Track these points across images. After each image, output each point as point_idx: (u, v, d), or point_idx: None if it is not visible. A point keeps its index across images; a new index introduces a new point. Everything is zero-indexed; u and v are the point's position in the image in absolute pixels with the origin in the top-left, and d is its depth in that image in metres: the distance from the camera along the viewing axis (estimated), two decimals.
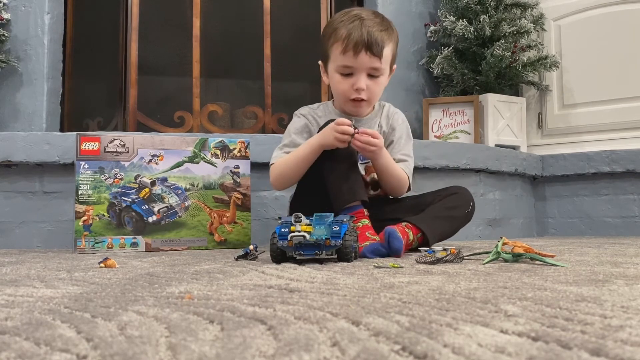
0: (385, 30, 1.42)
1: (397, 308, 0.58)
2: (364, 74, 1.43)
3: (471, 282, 0.80)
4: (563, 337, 0.44)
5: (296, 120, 1.56)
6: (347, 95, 1.46)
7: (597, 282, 0.80)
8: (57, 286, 0.80)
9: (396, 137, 1.54)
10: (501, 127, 2.52)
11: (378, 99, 1.53)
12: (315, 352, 0.41)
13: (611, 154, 2.40)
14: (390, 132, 1.55)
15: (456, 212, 1.47)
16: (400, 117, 1.59)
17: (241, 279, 0.87)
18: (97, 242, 1.55)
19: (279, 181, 1.48)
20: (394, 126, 1.56)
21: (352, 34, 1.39)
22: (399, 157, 1.51)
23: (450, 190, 1.54)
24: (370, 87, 1.44)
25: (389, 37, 1.44)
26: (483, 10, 2.48)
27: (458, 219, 1.48)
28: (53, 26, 2.34)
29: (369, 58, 1.40)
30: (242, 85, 2.56)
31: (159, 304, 0.63)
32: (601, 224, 2.45)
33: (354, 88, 1.43)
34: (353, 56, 1.40)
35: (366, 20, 1.41)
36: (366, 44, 1.39)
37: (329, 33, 1.46)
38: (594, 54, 2.62)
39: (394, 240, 1.24)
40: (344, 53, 1.41)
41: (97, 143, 1.58)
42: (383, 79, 1.47)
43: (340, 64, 1.43)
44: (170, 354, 0.41)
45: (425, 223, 1.38)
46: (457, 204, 1.48)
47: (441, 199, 1.49)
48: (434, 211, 1.44)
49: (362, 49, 1.39)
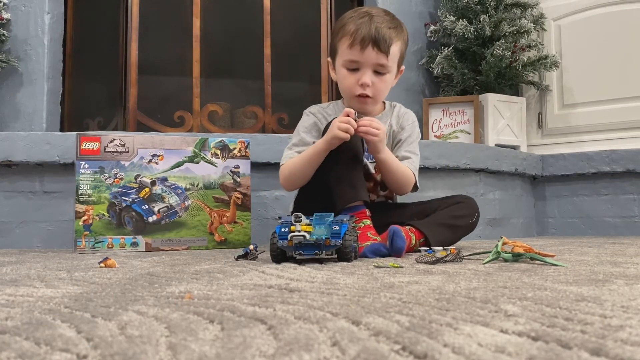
0: (394, 28, 1.43)
1: (397, 308, 0.58)
2: (369, 69, 1.43)
3: (471, 282, 0.80)
4: (563, 336, 0.44)
5: (305, 118, 1.56)
6: (353, 90, 1.46)
7: (597, 281, 0.80)
8: (57, 286, 0.80)
9: (404, 136, 1.54)
10: (501, 126, 2.52)
11: (384, 97, 1.53)
12: (316, 351, 0.41)
13: (611, 153, 2.40)
14: (399, 131, 1.55)
15: (460, 221, 1.47)
16: (410, 117, 1.59)
17: (241, 278, 0.87)
18: (97, 242, 1.56)
19: (289, 182, 1.47)
20: (403, 126, 1.55)
21: (360, 29, 1.40)
22: (402, 154, 1.50)
23: (456, 198, 1.55)
24: (375, 83, 1.44)
25: (398, 35, 1.44)
26: (483, 10, 2.48)
27: (461, 228, 1.48)
28: (53, 26, 2.34)
29: (376, 54, 1.40)
30: (242, 85, 2.56)
31: (159, 303, 0.63)
32: (601, 223, 2.45)
33: (359, 83, 1.43)
34: (360, 51, 1.40)
35: (375, 17, 1.42)
36: (373, 39, 1.39)
37: (337, 28, 1.47)
38: (594, 53, 2.62)
39: (397, 239, 1.24)
40: (351, 47, 1.41)
41: (97, 143, 1.58)
42: (389, 77, 1.46)
43: (346, 59, 1.43)
44: (170, 353, 0.41)
45: (428, 228, 1.38)
46: (463, 213, 1.48)
47: (447, 207, 1.49)
48: (438, 218, 1.45)
49: (369, 43, 1.39)
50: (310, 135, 1.50)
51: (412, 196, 1.56)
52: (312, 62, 2.49)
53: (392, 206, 1.59)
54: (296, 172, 1.43)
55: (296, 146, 1.49)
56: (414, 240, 1.34)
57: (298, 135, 1.51)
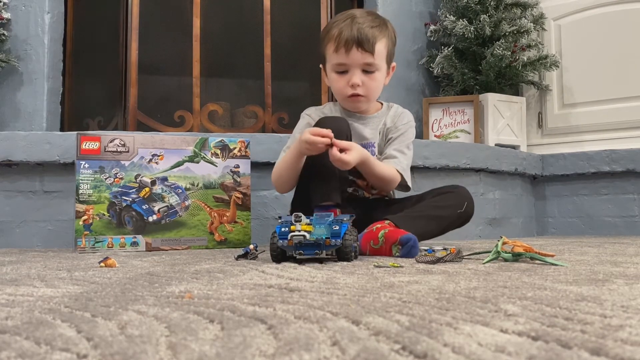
0: (377, 27, 1.44)
1: (397, 307, 0.58)
2: (358, 70, 1.44)
3: (471, 282, 0.80)
4: (563, 336, 0.44)
5: (301, 121, 1.58)
6: (344, 92, 1.47)
7: (597, 281, 0.80)
8: (57, 285, 0.80)
9: (395, 135, 1.54)
10: (501, 126, 2.52)
11: (377, 94, 1.54)
12: (316, 351, 0.41)
13: (611, 153, 2.40)
14: (392, 129, 1.55)
15: (445, 211, 1.46)
16: (406, 117, 1.58)
17: (241, 278, 0.87)
18: (98, 242, 1.56)
19: (277, 184, 1.51)
20: (397, 125, 1.55)
21: (343, 32, 1.42)
22: (389, 152, 1.51)
23: (445, 189, 1.54)
24: (366, 82, 1.46)
25: (382, 32, 1.45)
26: (483, 9, 2.48)
27: (446, 219, 1.46)
28: (53, 25, 2.34)
29: (361, 54, 1.42)
30: (242, 85, 2.56)
31: (159, 303, 0.63)
32: (601, 223, 2.45)
33: (349, 84, 1.45)
34: (345, 53, 1.42)
35: (358, 18, 1.44)
36: (357, 41, 1.41)
37: (323, 35, 1.49)
38: (594, 53, 2.62)
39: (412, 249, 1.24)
40: (336, 51, 1.43)
41: (97, 142, 1.58)
42: (379, 75, 1.47)
43: (334, 62, 1.46)
44: (170, 353, 0.41)
45: (405, 222, 1.37)
46: (448, 203, 1.47)
47: (432, 197, 1.49)
48: (418, 210, 1.44)
49: (352, 45, 1.41)
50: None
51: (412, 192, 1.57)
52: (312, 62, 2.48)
53: (389, 202, 1.59)
54: (281, 175, 1.47)
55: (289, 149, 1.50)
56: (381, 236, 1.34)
57: (292, 137, 1.54)
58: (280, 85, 2.46)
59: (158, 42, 2.41)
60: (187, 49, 2.33)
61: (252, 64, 2.46)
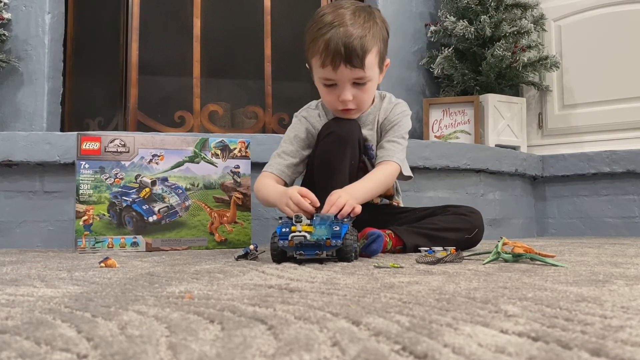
0: (365, 36, 1.29)
1: (398, 308, 0.58)
2: (347, 84, 1.33)
3: (471, 282, 0.80)
4: (563, 337, 0.44)
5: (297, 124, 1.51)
6: (335, 106, 1.39)
7: (597, 282, 0.80)
8: (57, 286, 0.80)
9: (389, 126, 1.48)
10: (501, 127, 2.52)
11: (370, 103, 1.46)
12: (316, 351, 0.41)
13: (611, 154, 2.40)
14: (386, 122, 1.49)
15: (453, 234, 1.40)
16: (399, 107, 1.50)
17: (241, 278, 0.87)
18: (98, 242, 1.56)
19: (256, 196, 1.45)
20: (390, 117, 1.48)
21: (329, 45, 1.28)
22: (384, 144, 1.45)
23: (461, 210, 1.47)
24: (357, 95, 1.36)
25: (372, 39, 1.31)
26: (483, 10, 2.48)
27: (452, 242, 1.37)
28: (54, 26, 2.34)
29: (350, 70, 1.30)
30: (242, 85, 2.56)
31: (159, 303, 0.63)
32: (601, 224, 2.45)
33: (340, 100, 1.36)
34: (332, 70, 1.31)
35: (343, 26, 1.28)
36: (344, 57, 1.28)
37: (308, 40, 1.35)
38: (594, 54, 2.62)
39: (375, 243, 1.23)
40: (323, 67, 1.31)
41: (97, 143, 1.58)
42: (371, 85, 1.37)
43: (321, 76, 1.35)
44: (170, 353, 0.41)
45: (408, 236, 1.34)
46: (459, 226, 1.42)
47: (445, 215, 1.44)
48: (426, 225, 1.40)
49: (340, 62, 1.29)
50: (291, 145, 1.47)
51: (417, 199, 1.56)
52: None
53: (397, 211, 1.55)
54: (260, 197, 1.42)
55: (279, 156, 1.47)
56: (389, 246, 1.33)
57: (283, 143, 1.49)
58: (281, 85, 2.46)
59: (158, 43, 2.41)
60: (187, 49, 2.33)
61: (252, 64, 2.46)
